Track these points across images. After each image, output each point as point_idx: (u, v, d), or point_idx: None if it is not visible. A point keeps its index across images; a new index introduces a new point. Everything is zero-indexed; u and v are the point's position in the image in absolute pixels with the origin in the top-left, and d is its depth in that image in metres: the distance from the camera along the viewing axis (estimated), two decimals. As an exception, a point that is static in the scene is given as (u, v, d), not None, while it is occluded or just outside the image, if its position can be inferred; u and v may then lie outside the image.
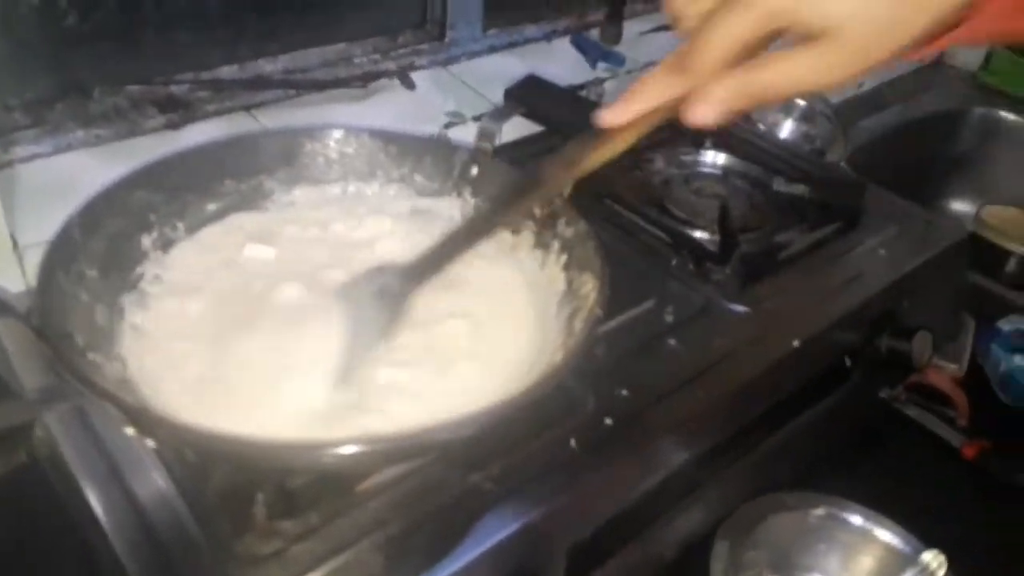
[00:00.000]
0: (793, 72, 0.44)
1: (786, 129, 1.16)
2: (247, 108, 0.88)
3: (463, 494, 0.57)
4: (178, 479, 0.55)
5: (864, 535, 0.72)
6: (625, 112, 0.50)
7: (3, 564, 0.66)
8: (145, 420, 0.45)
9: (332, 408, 0.55)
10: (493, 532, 0.56)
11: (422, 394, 0.57)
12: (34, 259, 0.67)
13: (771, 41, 0.45)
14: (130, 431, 0.46)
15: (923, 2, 0.43)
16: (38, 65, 0.78)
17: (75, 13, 0.78)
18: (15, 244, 0.68)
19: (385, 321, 0.57)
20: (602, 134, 0.52)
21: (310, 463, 0.49)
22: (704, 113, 0.45)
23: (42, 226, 0.67)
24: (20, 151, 0.78)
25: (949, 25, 0.45)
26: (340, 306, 0.58)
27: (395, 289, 0.58)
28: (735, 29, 0.44)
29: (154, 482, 0.55)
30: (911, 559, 0.69)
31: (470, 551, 0.55)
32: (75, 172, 0.77)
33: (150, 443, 0.50)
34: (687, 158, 0.96)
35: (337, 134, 0.72)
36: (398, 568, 0.53)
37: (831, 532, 0.73)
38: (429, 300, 0.62)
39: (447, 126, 0.93)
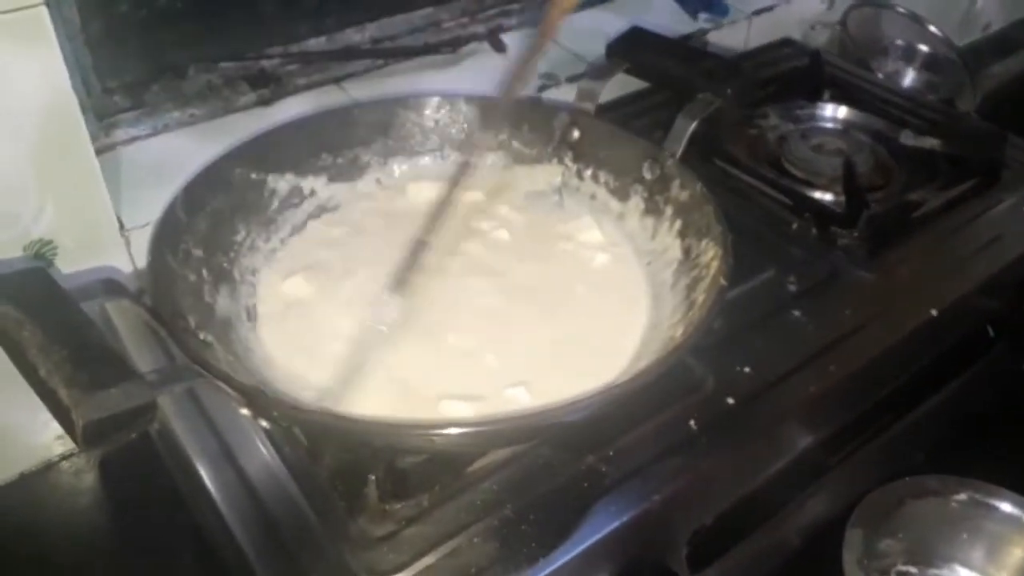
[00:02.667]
0: None
1: (909, 77, 1.07)
2: (336, 80, 0.87)
3: (578, 477, 0.54)
4: (289, 460, 0.55)
5: (1014, 523, 0.66)
6: None
7: (119, 540, 0.68)
8: (259, 401, 0.44)
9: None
10: (610, 518, 0.53)
11: (533, 380, 0.54)
12: (139, 240, 0.68)
13: None
14: (244, 411, 0.45)
15: None
16: (133, 47, 0.78)
17: (167, -8, 0.77)
18: (122, 226, 0.69)
19: None
20: None
21: (422, 443, 0.47)
22: None
23: (145, 208, 0.67)
24: (121, 134, 0.78)
25: None
26: None
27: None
28: None
29: (266, 462, 0.55)
30: (1071, 549, 0.63)
31: (588, 537, 0.52)
32: (172, 153, 0.77)
33: (263, 423, 0.49)
34: (803, 112, 0.89)
35: (432, 102, 0.69)
36: (513, 554, 0.51)
37: (976, 520, 0.67)
38: (530, 275, 0.59)
39: (541, 89, 0.89)
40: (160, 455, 0.66)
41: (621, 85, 0.88)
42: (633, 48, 0.69)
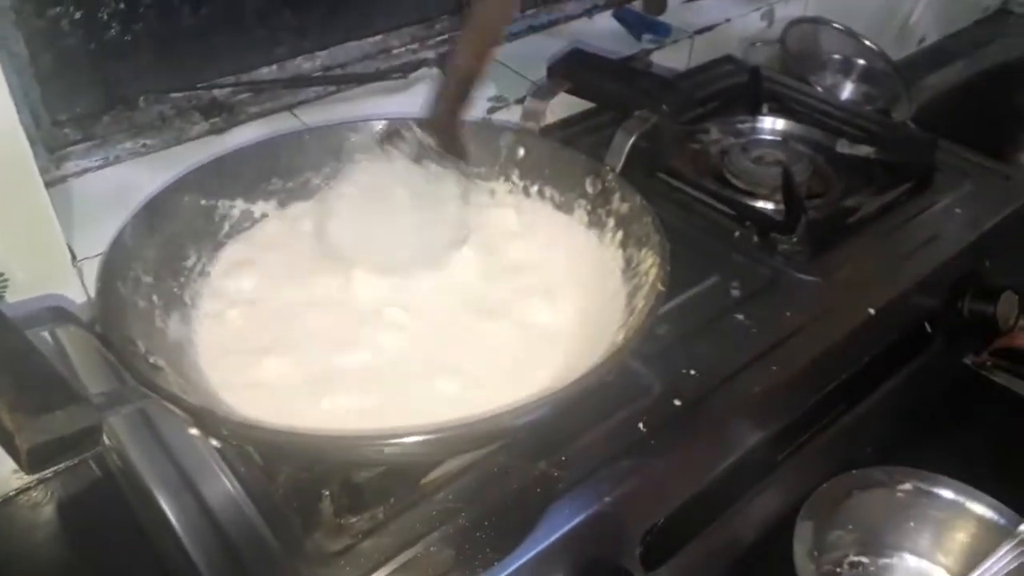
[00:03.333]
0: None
1: (847, 90, 1.11)
2: (289, 107, 0.88)
3: (531, 483, 0.56)
4: (245, 481, 0.56)
5: (956, 509, 0.68)
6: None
7: (79, 572, 0.67)
8: (209, 420, 0.45)
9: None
10: (564, 521, 0.54)
11: (484, 383, 0.56)
12: (93, 271, 0.68)
13: None
14: (195, 432, 0.46)
15: None
16: (83, 79, 0.79)
17: (116, 25, 0.78)
18: (74, 257, 0.69)
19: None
20: None
21: (374, 454, 0.48)
22: None
23: (98, 238, 0.67)
24: (72, 166, 0.78)
25: None
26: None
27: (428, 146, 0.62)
28: None
29: (222, 484, 0.55)
30: (1008, 532, 0.65)
31: (541, 541, 0.53)
32: (126, 183, 0.77)
33: (215, 443, 0.49)
34: (744, 126, 0.92)
35: (380, 125, 0.70)
36: (469, 561, 0.52)
37: (921, 508, 0.69)
38: (486, 286, 0.61)
39: (490, 111, 0.91)
40: (118, 484, 0.66)
41: (569, 106, 0.91)
42: (573, 68, 0.72)
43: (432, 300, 0.61)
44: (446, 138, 0.64)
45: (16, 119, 0.60)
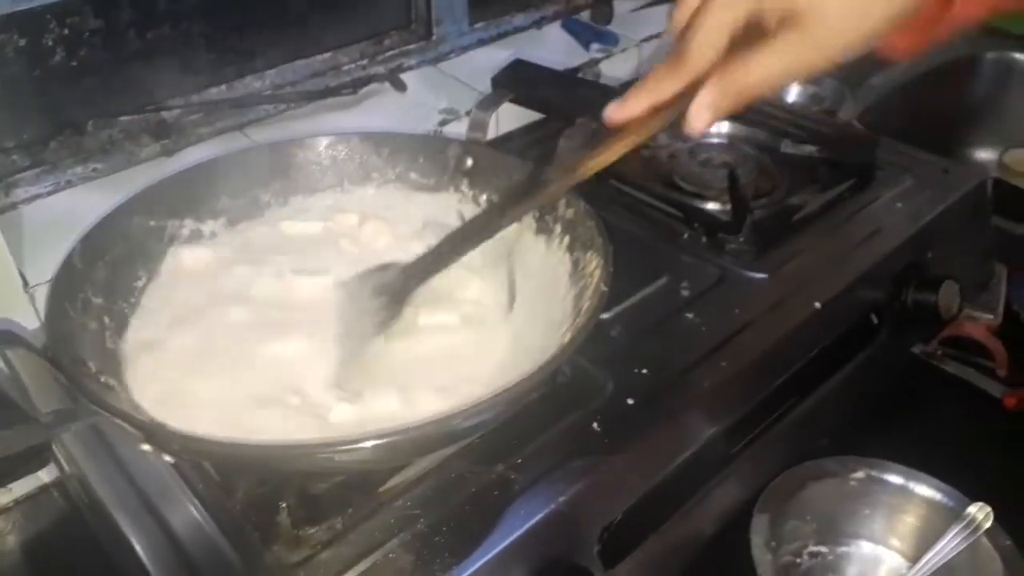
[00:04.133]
0: (773, 66, 0.45)
1: (792, 93, 1.14)
2: (239, 127, 0.88)
3: (489, 486, 0.56)
4: (203, 497, 0.56)
5: (905, 494, 0.70)
6: (630, 107, 0.49)
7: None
8: (160, 436, 0.45)
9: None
10: (521, 521, 0.55)
11: (445, 388, 0.56)
12: (44, 296, 0.68)
13: (761, 27, 0.45)
14: (147, 448, 0.46)
15: None
16: (30, 106, 0.79)
17: (61, 50, 0.78)
18: (25, 283, 0.69)
19: (383, 317, 0.57)
20: (604, 136, 0.52)
21: (325, 461, 0.49)
22: (703, 118, 0.46)
23: (49, 264, 0.67)
24: (21, 192, 0.78)
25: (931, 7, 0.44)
26: (338, 300, 0.59)
27: (396, 287, 0.57)
28: (713, 19, 0.45)
29: (181, 503, 0.56)
30: (956, 513, 0.67)
31: (500, 542, 0.54)
32: (76, 208, 0.77)
33: (168, 459, 0.49)
34: (689, 130, 0.94)
35: (326, 141, 0.71)
36: (428, 565, 0.52)
37: (873, 495, 0.70)
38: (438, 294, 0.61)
39: (442, 124, 0.92)
40: (80, 511, 0.66)
41: (518, 117, 0.92)
42: (516, 79, 0.73)
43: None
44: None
45: (-41, 147, 0.60)
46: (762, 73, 0.45)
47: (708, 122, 0.47)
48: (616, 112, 0.50)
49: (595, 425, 0.60)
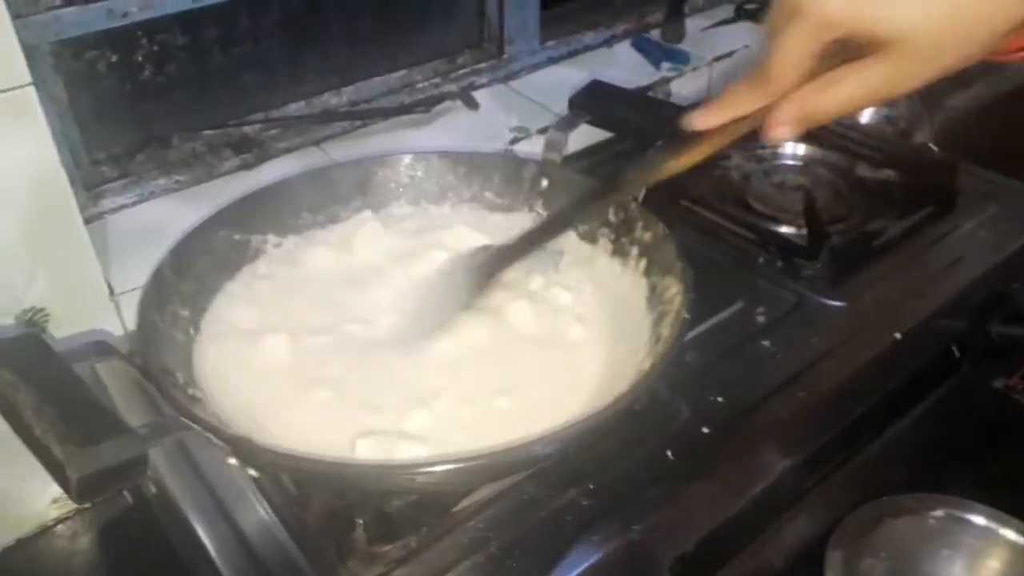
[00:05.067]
0: (863, 85, 0.44)
1: (866, 113, 1.11)
2: (316, 142, 0.90)
3: (560, 511, 0.56)
4: (280, 510, 0.56)
5: (989, 536, 0.68)
6: (710, 118, 0.50)
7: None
8: (247, 450, 0.46)
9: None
10: (593, 549, 0.54)
11: (513, 413, 0.56)
12: (129, 305, 0.70)
13: (847, 49, 0.44)
14: (233, 462, 0.47)
15: (994, 4, 0.41)
16: (120, 119, 0.82)
17: (150, 66, 0.81)
18: (111, 291, 0.71)
19: (470, 295, 0.60)
20: (683, 141, 0.52)
21: (405, 482, 0.49)
22: (780, 133, 0.47)
23: (134, 273, 0.70)
24: (108, 203, 0.81)
25: None
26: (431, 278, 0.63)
27: (487, 267, 0.60)
28: (796, 43, 0.44)
29: (257, 513, 0.57)
30: (1046, 559, 0.64)
31: (571, 569, 0.54)
32: (160, 219, 0.79)
33: (252, 472, 0.50)
34: (765, 151, 0.93)
35: (406, 159, 0.72)
36: (500, 591, 0.52)
37: (953, 535, 0.68)
38: (514, 317, 0.62)
39: (513, 142, 0.93)
40: (155, 514, 0.68)
41: (591, 135, 0.92)
42: (593, 100, 0.73)
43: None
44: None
45: (58, 161, 0.62)
46: (844, 97, 0.45)
47: (785, 139, 0.47)
48: (697, 121, 0.50)
49: (669, 453, 0.60)
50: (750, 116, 0.48)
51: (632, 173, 0.56)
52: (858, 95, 0.45)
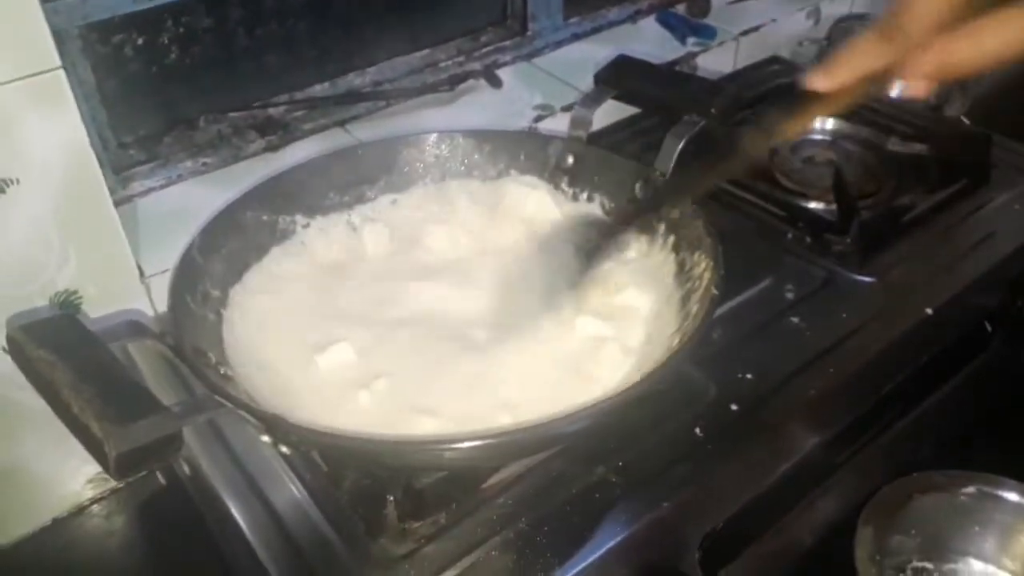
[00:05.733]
0: (1009, 36, 0.42)
1: (896, 87, 1.09)
2: (341, 123, 0.90)
3: (589, 488, 0.56)
4: (311, 487, 0.57)
5: (1021, 513, 0.67)
6: (833, 76, 0.47)
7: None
8: (280, 427, 0.47)
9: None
10: (623, 526, 0.55)
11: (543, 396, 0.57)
12: (159, 286, 0.71)
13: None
14: (265, 439, 0.47)
15: None
16: (146, 102, 0.82)
17: (176, 49, 0.81)
18: (142, 274, 0.72)
19: (579, 271, 0.59)
20: (801, 102, 0.50)
21: (434, 458, 0.49)
22: (916, 87, 0.44)
23: (163, 255, 0.70)
24: (137, 186, 0.82)
25: None
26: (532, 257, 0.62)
27: (594, 243, 0.59)
28: None
29: (289, 490, 0.57)
30: (1079, 536, 0.63)
31: (600, 546, 0.54)
32: (187, 201, 0.80)
33: (284, 450, 0.51)
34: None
35: (432, 138, 0.72)
36: (529, 565, 0.53)
37: (985, 512, 0.67)
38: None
39: (537, 120, 0.92)
40: (188, 494, 0.69)
41: (614, 112, 0.91)
42: (620, 76, 0.72)
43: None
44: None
45: (88, 144, 0.63)
46: (988, 48, 0.42)
47: (922, 93, 0.44)
48: (820, 80, 0.48)
49: (697, 430, 0.60)
50: (875, 74, 0.46)
51: (749, 137, 0.54)
52: (1003, 46, 0.42)
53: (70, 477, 0.74)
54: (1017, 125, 0.97)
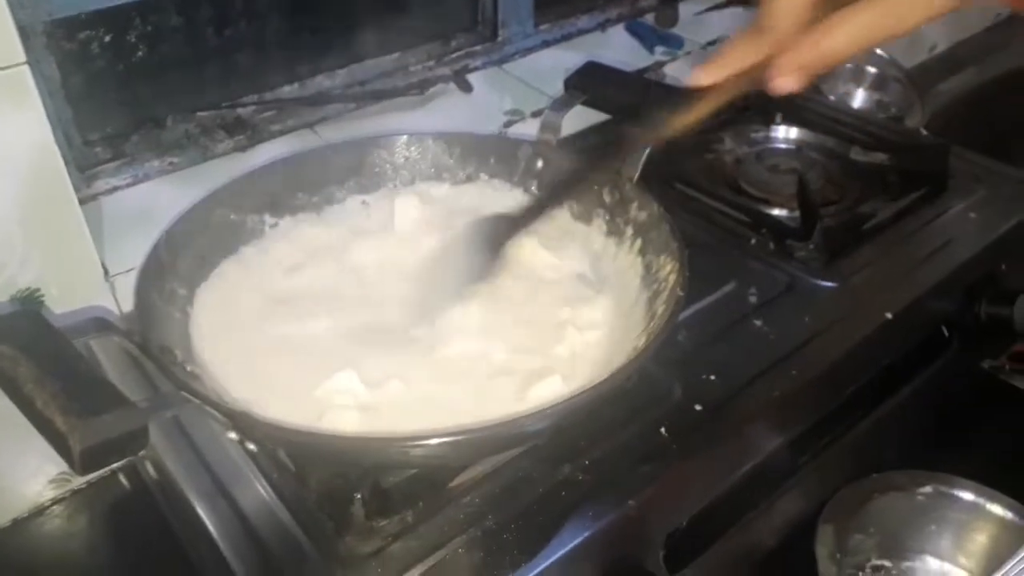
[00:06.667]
0: (860, 29, 0.45)
1: (859, 98, 1.12)
2: (310, 125, 0.90)
3: (556, 486, 0.57)
4: (278, 486, 0.57)
5: (976, 511, 0.69)
6: (711, 73, 0.51)
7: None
8: (245, 423, 0.46)
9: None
10: (588, 524, 0.55)
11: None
12: (124, 285, 0.70)
13: None
14: (232, 436, 0.47)
15: None
16: (113, 100, 0.81)
17: (144, 47, 0.80)
18: (106, 273, 0.71)
19: (483, 265, 0.60)
20: (684, 98, 0.53)
21: (400, 455, 0.50)
22: (785, 83, 0.48)
23: (129, 254, 0.70)
24: (102, 184, 0.81)
25: None
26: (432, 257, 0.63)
27: (497, 236, 0.60)
28: None
29: (255, 490, 0.57)
30: (1029, 533, 0.65)
31: (566, 543, 0.54)
32: (153, 200, 0.79)
33: (251, 447, 0.51)
34: (758, 135, 0.93)
35: (402, 140, 0.72)
36: (496, 563, 0.53)
37: (941, 511, 0.69)
38: (507, 292, 0.62)
39: (507, 125, 0.93)
40: (152, 495, 0.68)
41: (584, 117, 0.93)
42: (589, 81, 0.73)
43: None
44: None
45: (52, 141, 0.62)
46: (842, 43, 0.46)
47: (788, 89, 0.48)
48: (698, 76, 0.51)
49: (663, 430, 0.60)
50: (751, 70, 0.49)
51: (635, 130, 0.57)
52: (855, 39, 0.46)
53: (31, 477, 0.72)
54: (974, 136, 1.00)
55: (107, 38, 0.78)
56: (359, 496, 0.53)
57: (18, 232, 0.63)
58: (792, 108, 0.98)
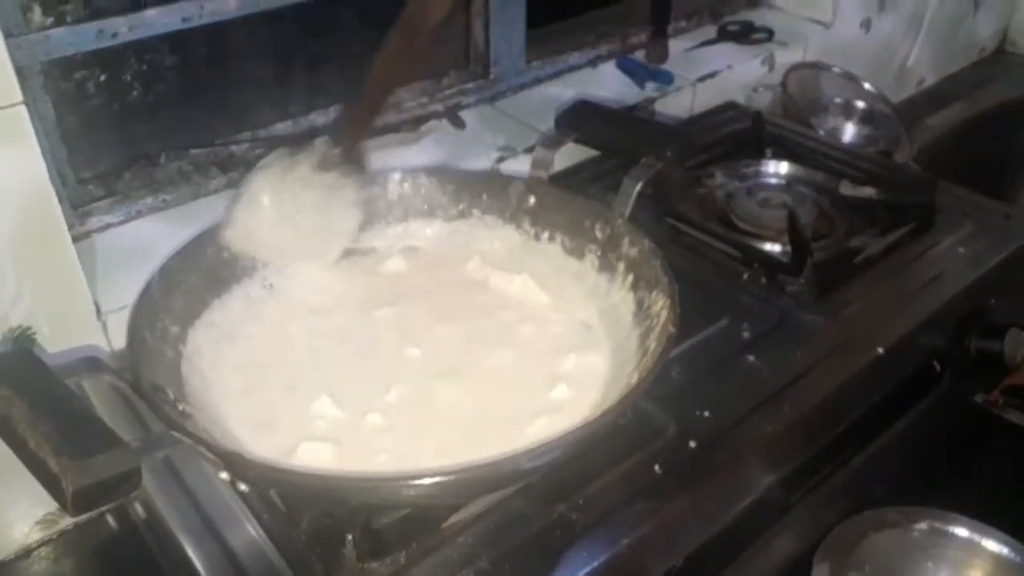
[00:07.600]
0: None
1: (848, 132, 1.13)
2: (305, 161, 0.90)
3: (550, 526, 0.56)
4: (269, 527, 0.56)
5: (972, 548, 0.68)
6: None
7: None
8: (238, 464, 0.46)
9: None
10: (583, 563, 0.55)
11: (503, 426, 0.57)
12: (116, 323, 0.70)
13: None
14: (224, 476, 0.47)
15: None
16: (107, 138, 0.82)
17: (139, 86, 0.81)
18: (99, 311, 0.71)
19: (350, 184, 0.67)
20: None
21: (392, 495, 0.49)
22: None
23: (121, 292, 0.70)
24: (95, 221, 0.81)
25: None
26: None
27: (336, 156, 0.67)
28: None
29: (246, 531, 0.56)
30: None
31: (561, 584, 0.54)
32: (146, 237, 0.79)
33: (242, 488, 0.50)
34: (748, 169, 0.94)
35: (395, 176, 0.73)
36: (490, 605, 0.52)
37: (937, 547, 0.69)
38: (497, 331, 0.62)
39: (499, 161, 0.94)
40: (142, 536, 0.67)
41: (576, 153, 0.93)
42: (579, 119, 0.74)
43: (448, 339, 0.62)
44: (349, 148, 0.70)
45: (47, 180, 0.63)
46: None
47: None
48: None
49: (657, 467, 0.60)
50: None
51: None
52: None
53: (17, 520, 0.71)
54: (961, 170, 1.01)
55: (102, 77, 0.79)
56: (350, 537, 0.52)
57: (11, 269, 0.63)
58: (782, 143, 0.99)
